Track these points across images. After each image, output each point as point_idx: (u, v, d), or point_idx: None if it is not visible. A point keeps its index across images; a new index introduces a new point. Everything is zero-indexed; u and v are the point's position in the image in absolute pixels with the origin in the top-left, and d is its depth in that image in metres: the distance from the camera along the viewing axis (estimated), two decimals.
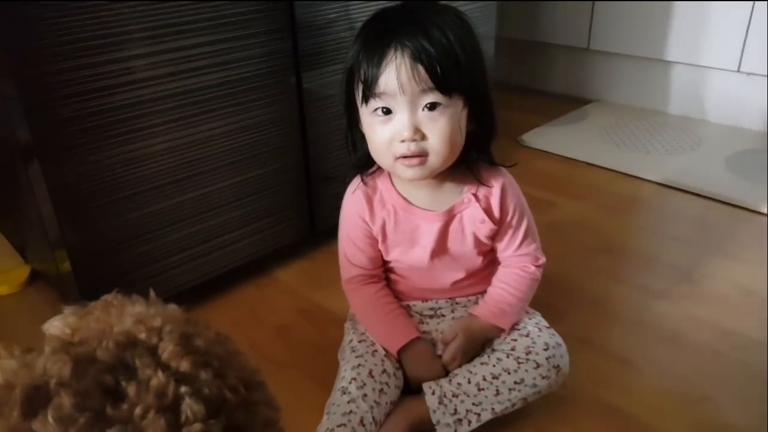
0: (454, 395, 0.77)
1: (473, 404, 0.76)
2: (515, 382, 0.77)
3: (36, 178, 0.83)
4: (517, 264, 0.83)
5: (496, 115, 0.76)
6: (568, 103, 1.99)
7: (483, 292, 0.86)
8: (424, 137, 0.70)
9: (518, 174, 0.83)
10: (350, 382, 0.76)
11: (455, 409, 0.76)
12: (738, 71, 1.68)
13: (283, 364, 0.94)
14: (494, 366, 0.78)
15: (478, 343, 0.82)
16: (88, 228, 0.89)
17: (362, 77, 0.71)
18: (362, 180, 0.81)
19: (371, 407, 0.74)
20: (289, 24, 1.01)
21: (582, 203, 1.40)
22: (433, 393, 0.77)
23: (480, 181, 0.78)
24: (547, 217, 1.30)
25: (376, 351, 0.81)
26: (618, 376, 0.90)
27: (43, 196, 0.84)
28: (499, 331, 0.82)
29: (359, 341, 0.83)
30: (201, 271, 1.04)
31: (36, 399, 0.28)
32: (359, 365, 0.78)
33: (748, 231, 1.27)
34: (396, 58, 0.68)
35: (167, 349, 0.31)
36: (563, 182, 1.49)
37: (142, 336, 0.32)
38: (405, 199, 0.80)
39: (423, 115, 0.70)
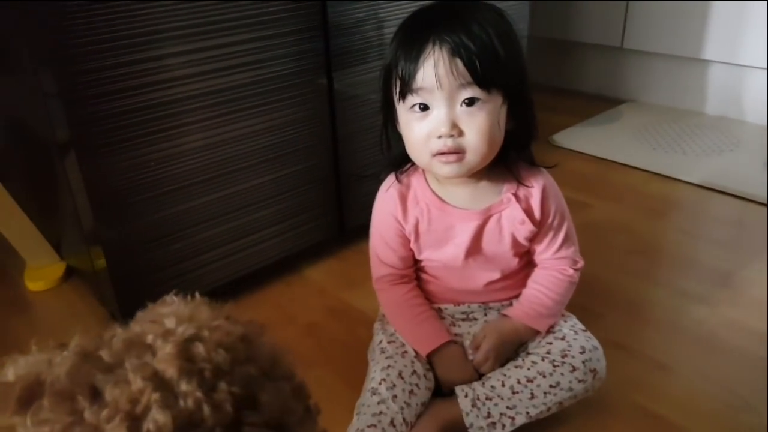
0: (488, 398, 0.75)
1: (507, 407, 0.75)
2: (551, 386, 0.75)
3: (73, 174, 0.84)
4: (555, 266, 0.81)
5: (535, 113, 0.75)
6: (601, 103, 1.96)
7: (516, 297, 0.84)
8: (461, 133, 0.69)
9: (551, 174, 0.81)
10: (380, 383, 0.75)
11: (489, 412, 0.75)
12: None
13: (312, 363, 0.94)
14: (529, 369, 0.76)
15: (511, 345, 0.81)
16: (122, 225, 0.90)
17: (400, 73, 0.70)
18: (396, 178, 0.80)
19: (401, 408, 0.73)
20: (321, 23, 1.01)
21: (617, 205, 1.37)
22: (466, 396, 0.76)
23: (519, 181, 0.77)
24: (582, 219, 1.27)
25: (405, 352, 0.80)
26: (656, 381, 0.88)
27: (80, 193, 0.85)
28: (535, 333, 0.80)
29: (389, 342, 0.82)
30: (232, 269, 1.05)
31: (30, 397, 0.27)
32: (389, 366, 0.77)
33: None
34: (434, 52, 0.67)
35: (161, 352, 0.29)
36: (597, 183, 1.47)
37: (149, 337, 0.30)
38: (439, 197, 0.79)
39: (461, 110, 0.69)
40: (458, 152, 0.70)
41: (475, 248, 0.79)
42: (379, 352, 0.81)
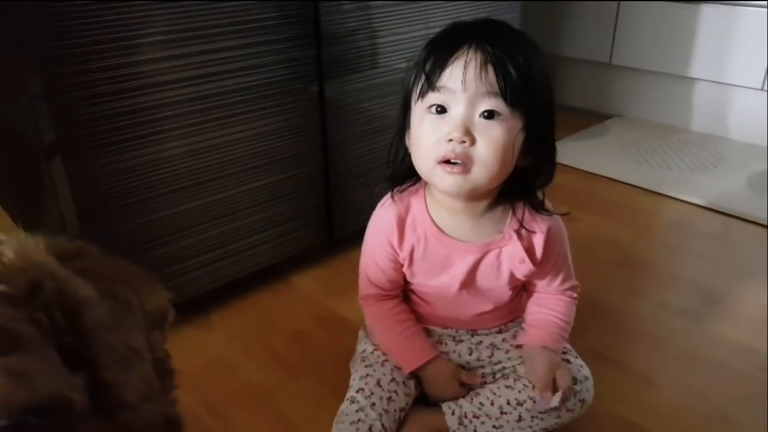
0: (475, 416, 0.75)
1: (494, 427, 0.75)
2: (540, 411, 0.75)
3: (58, 178, 0.83)
4: (559, 292, 0.81)
5: (555, 156, 0.71)
6: (588, 117, 1.98)
7: (505, 324, 0.84)
8: (473, 142, 0.65)
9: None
10: (358, 392, 0.75)
11: (475, 430, 0.75)
12: (762, 89, 1.66)
13: (297, 371, 0.93)
14: (520, 392, 0.75)
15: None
16: (108, 228, 0.89)
17: (426, 69, 0.67)
18: (392, 196, 0.77)
19: (380, 415, 0.73)
20: (313, 31, 1.01)
21: (603, 218, 1.38)
22: (453, 413, 0.76)
23: (522, 224, 0.73)
24: (568, 232, 1.27)
25: (386, 361, 0.80)
26: (637, 392, 0.89)
27: (65, 196, 0.84)
28: None
29: (371, 351, 0.82)
30: (218, 275, 1.04)
31: None
32: (367, 375, 0.77)
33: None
34: (467, 53, 0.65)
35: None
36: (584, 197, 1.48)
37: None
38: (438, 227, 0.75)
39: (478, 120, 0.65)
40: (465, 162, 0.66)
41: (470, 281, 0.76)
42: (360, 361, 0.81)
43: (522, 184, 0.72)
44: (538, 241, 0.74)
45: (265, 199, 1.05)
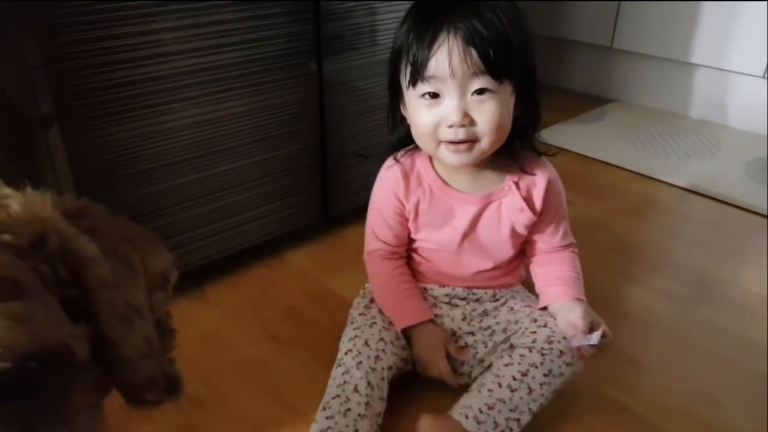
0: (489, 407, 0.73)
1: (510, 410, 0.73)
2: (544, 375, 0.75)
3: (56, 148, 0.83)
4: (566, 249, 0.85)
5: (540, 103, 0.76)
6: (587, 101, 1.97)
7: (501, 286, 0.86)
8: (472, 122, 0.70)
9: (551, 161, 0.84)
10: (346, 353, 0.77)
11: (495, 422, 0.72)
12: (763, 77, 1.65)
13: (290, 345, 0.94)
14: (520, 363, 0.76)
15: None
16: (105, 200, 0.87)
17: (411, 59, 0.69)
18: (395, 159, 0.81)
19: (366, 373, 0.74)
20: (313, 6, 1.01)
21: (598, 203, 1.39)
22: (467, 417, 0.72)
23: (523, 170, 0.78)
24: None
25: (374, 323, 0.81)
26: (626, 375, 0.90)
27: (63, 167, 0.84)
28: None
29: (360, 314, 0.84)
30: (214, 250, 1.05)
31: None
32: (356, 336, 0.79)
33: (763, 237, 1.25)
34: (448, 40, 0.67)
35: None
36: (580, 181, 1.48)
37: None
38: (442, 179, 0.80)
39: (472, 99, 0.69)
40: (469, 141, 0.71)
41: (471, 233, 0.80)
42: (350, 324, 0.83)
43: (518, 131, 0.76)
44: (538, 191, 0.79)
45: (261, 175, 1.06)
